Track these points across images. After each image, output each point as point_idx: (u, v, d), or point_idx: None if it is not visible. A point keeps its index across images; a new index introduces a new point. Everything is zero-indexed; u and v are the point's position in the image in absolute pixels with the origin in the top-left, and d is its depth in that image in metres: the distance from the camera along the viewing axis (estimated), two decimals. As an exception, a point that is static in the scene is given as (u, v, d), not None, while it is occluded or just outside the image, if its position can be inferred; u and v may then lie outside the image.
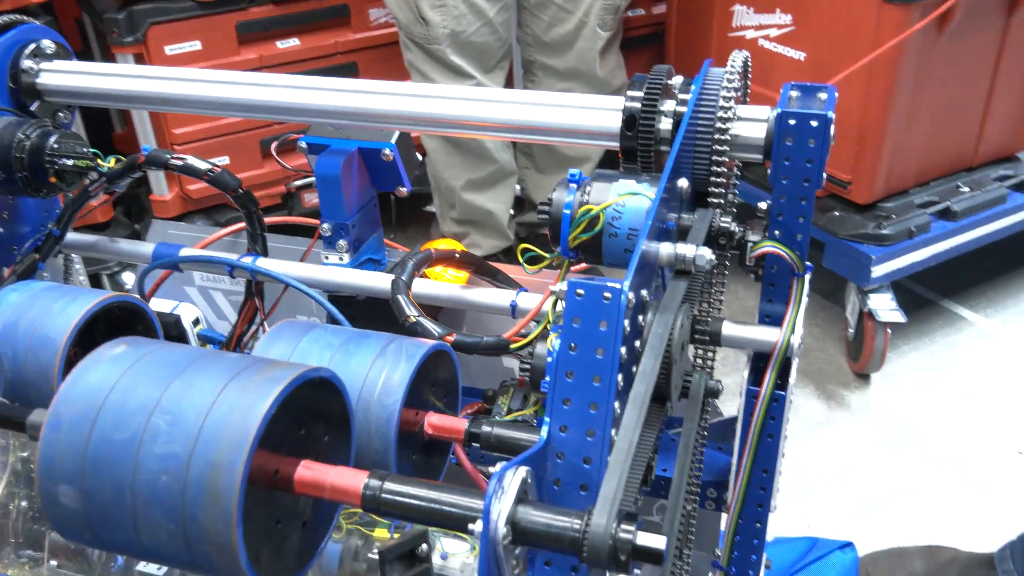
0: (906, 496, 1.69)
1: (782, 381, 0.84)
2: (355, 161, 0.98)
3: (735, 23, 2.13)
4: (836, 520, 1.62)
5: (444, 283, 0.95)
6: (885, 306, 1.91)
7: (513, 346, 0.84)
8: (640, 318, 0.63)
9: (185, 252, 1.03)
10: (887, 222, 1.91)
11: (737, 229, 0.78)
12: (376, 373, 0.71)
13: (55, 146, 0.94)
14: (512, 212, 2.26)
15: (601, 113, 0.84)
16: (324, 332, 0.76)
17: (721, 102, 0.77)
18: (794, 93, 0.80)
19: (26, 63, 1.01)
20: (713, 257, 0.68)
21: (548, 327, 0.82)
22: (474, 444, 0.74)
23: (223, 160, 2.14)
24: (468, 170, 2.12)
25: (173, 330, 1.08)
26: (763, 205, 0.83)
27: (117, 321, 0.85)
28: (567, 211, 0.76)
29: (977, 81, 1.98)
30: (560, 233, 0.76)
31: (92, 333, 0.82)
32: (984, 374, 1.99)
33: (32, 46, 1.02)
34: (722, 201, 0.78)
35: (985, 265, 2.26)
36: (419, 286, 0.95)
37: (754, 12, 2.08)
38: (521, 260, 0.83)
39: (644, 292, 0.63)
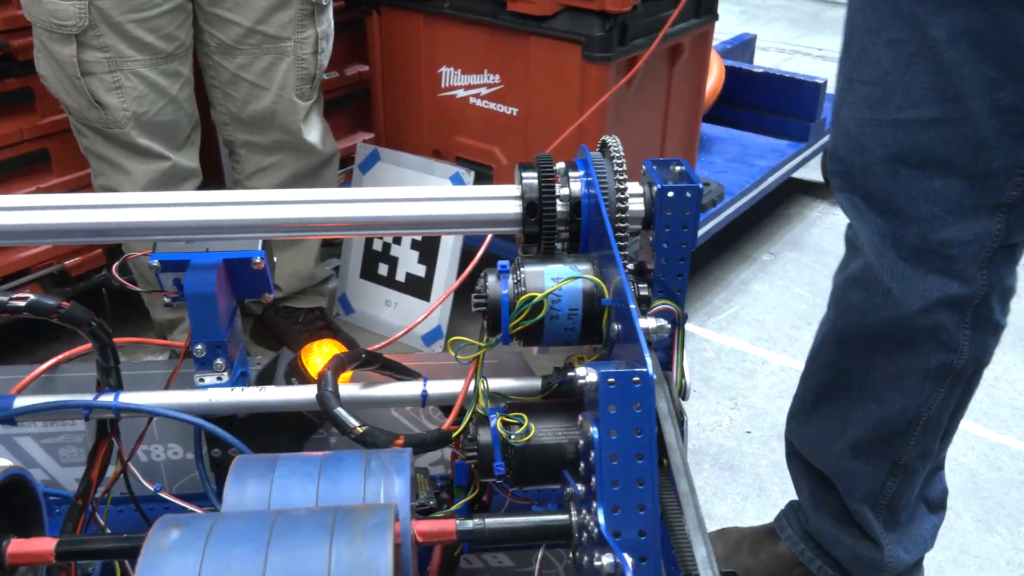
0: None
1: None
2: (222, 274, 0.93)
3: (444, 84, 2.26)
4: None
5: (348, 385, 0.93)
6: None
7: (454, 436, 0.86)
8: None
9: (21, 402, 0.90)
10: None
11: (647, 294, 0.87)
12: (373, 495, 0.70)
13: None
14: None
15: (497, 202, 0.89)
16: (292, 462, 0.73)
17: (616, 184, 0.86)
18: (655, 167, 0.92)
19: None
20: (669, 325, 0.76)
21: (481, 411, 0.86)
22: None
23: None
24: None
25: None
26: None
27: None
28: (504, 299, 0.80)
29: (656, 120, 2.30)
30: (501, 320, 0.81)
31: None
32: (699, 369, 2.30)
33: None
34: (630, 270, 0.87)
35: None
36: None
37: (462, 73, 2.22)
38: (452, 352, 0.85)
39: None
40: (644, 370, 0.63)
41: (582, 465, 0.70)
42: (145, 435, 1.07)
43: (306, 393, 0.92)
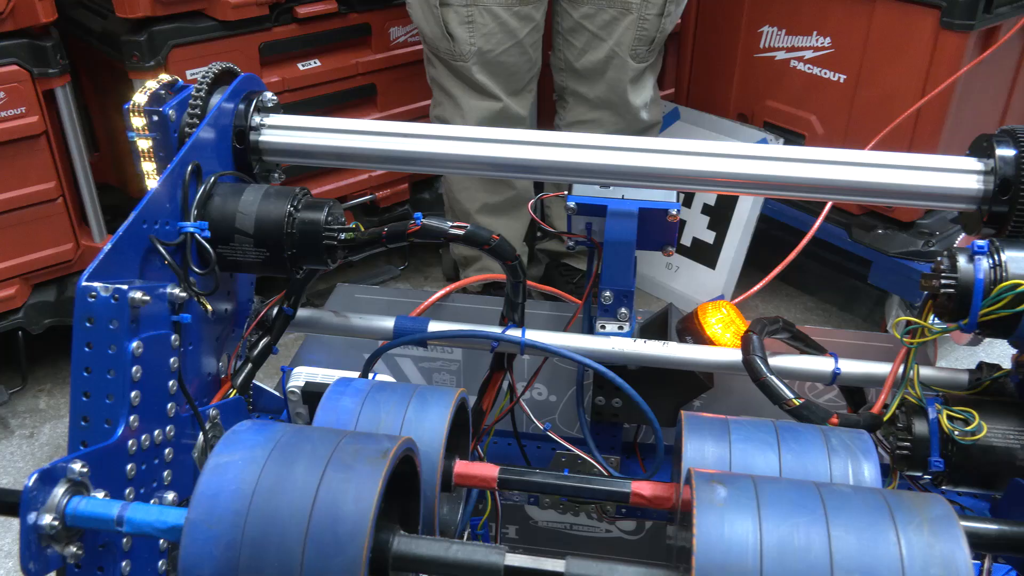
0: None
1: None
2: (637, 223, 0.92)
3: (763, 44, 2.16)
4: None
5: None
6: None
7: (885, 419, 0.80)
8: None
9: (435, 327, 0.93)
10: (932, 239, 1.98)
11: None
12: (840, 474, 0.66)
13: (328, 219, 0.83)
14: (526, 236, 2.19)
15: (952, 175, 0.81)
16: (744, 426, 0.70)
17: (1118, 167, 0.76)
18: None
19: (255, 119, 0.89)
20: None
21: (917, 400, 0.79)
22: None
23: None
24: (485, 194, 2.04)
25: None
26: None
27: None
28: (979, 284, 0.73)
29: (997, 100, 2.09)
30: (971, 306, 0.73)
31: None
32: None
33: (255, 100, 0.90)
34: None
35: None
36: (719, 354, 0.90)
37: (786, 34, 2.10)
38: (897, 334, 0.79)
39: None
40: None
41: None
42: (515, 373, 1.09)
43: (709, 354, 0.90)
